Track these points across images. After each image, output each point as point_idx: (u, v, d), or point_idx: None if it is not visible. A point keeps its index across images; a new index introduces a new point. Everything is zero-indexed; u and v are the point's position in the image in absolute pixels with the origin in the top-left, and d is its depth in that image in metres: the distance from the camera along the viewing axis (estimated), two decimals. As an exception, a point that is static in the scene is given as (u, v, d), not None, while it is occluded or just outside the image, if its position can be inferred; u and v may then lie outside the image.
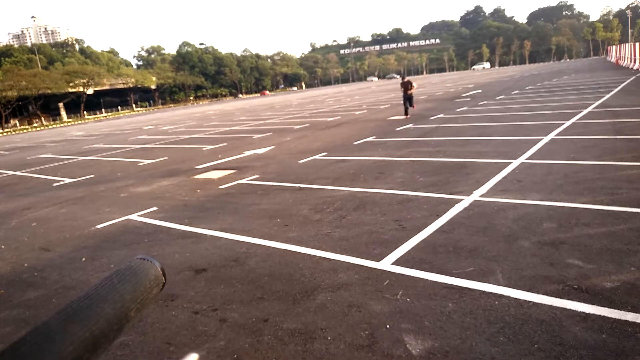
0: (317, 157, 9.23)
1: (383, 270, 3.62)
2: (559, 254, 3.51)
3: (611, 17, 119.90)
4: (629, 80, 18.88)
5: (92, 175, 10.45)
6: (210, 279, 3.89)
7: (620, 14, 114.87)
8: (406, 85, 14.93)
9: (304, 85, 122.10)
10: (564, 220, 4.21)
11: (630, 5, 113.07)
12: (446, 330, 2.72)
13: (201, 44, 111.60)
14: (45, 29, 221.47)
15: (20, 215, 7.28)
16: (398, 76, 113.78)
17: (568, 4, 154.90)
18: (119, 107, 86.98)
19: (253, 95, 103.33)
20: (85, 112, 75.75)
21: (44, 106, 70.13)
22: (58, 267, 4.65)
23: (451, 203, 5.12)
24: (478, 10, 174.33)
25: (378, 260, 3.80)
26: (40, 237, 5.85)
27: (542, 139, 8.18)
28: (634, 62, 27.93)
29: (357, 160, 8.45)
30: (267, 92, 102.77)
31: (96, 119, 63.98)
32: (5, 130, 56.62)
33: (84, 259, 4.79)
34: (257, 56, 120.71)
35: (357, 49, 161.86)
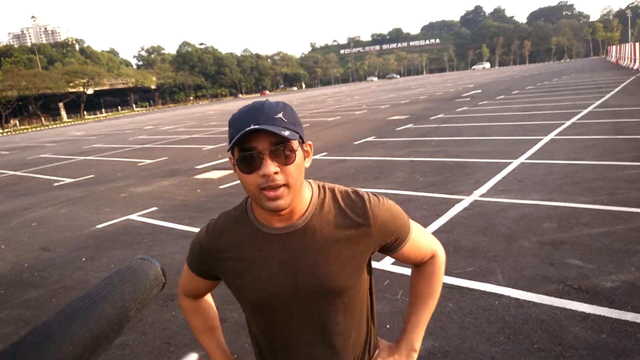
0: (317, 157, 9.23)
1: (383, 270, 3.61)
2: (559, 254, 3.51)
3: (611, 17, 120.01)
4: (629, 80, 18.88)
5: (92, 175, 10.46)
6: (210, 279, 3.88)
7: (620, 14, 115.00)
8: None
9: (304, 85, 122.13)
10: (564, 220, 4.21)
11: (630, 5, 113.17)
12: (446, 330, 2.72)
13: (201, 44, 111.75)
14: (45, 29, 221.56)
15: (21, 215, 7.28)
16: (398, 76, 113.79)
17: (568, 4, 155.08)
18: (119, 107, 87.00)
19: (253, 95, 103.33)
20: (85, 112, 75.78)
21: (44, 106, 70.19)
22: (58, 267, 4.65)
23: (451, 203, 5.12)
24: (478, 10, 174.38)
25: (378, 261, 3.79)
26: (41, 237, 5.85)
27: (542, 138, 8.18)
28: (634, 62, 27.93)
29: (357, 160, 8.45)
30: (267, 92, 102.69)
31: (96, 119, 63.98)
32: (6, 130, 56.62)
33: (84, 259, 4.79)
34: (257, 56, 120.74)
35: (357, 49, 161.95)
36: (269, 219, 1.01)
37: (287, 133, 0.90)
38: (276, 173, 0.91)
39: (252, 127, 0.89)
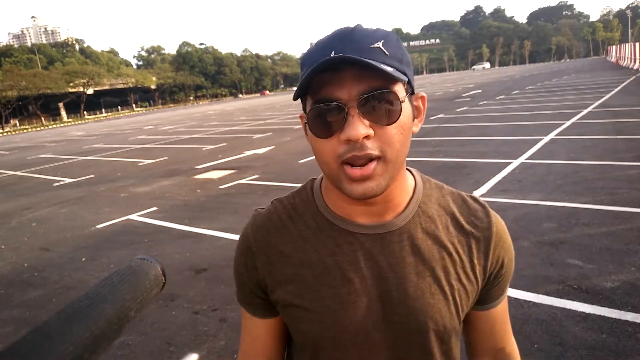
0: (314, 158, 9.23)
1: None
2: (559, 254, 3.52)
3: (611, 17, 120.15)
4: (629, 80, 18.88)
5: (92, 175, 10.46)
6: (211, 279, 3.89)
7: (620, 14, 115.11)
8: None
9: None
10: (564, 220, 4.21)
11: (630, 5, 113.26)
12: (446, 330, 2.71)
13: (201, 44, 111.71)
14: (45, 29, 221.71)
15: (20, 215, 7.28)
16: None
17: (568, 4, 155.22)
18: (119, 107, 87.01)
19: (253, 95, 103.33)
20: (85, 112, 75.78)
21: (44, 106, 70.16)
22: (58, 267, 4.65)
23: (451, 203, 5.11)
24: (478, 10, 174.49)
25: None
26: (41, 237, 5.85)
27: (542, 138, 8.18)
28: (634, 62, 27.93)
29: (357, 160, 8.43)
30: (267, 92, 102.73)
31: (96, 119, 63.98)
32: (6, 130, 56.63)
33: (84, 259, 4.80)
34: (257, 56, 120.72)
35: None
36: (351, 211, 0.71)
37: (389, 69, 0.57)
38: (367, 137, 0.59)
39: (331, 55, 0.57)
